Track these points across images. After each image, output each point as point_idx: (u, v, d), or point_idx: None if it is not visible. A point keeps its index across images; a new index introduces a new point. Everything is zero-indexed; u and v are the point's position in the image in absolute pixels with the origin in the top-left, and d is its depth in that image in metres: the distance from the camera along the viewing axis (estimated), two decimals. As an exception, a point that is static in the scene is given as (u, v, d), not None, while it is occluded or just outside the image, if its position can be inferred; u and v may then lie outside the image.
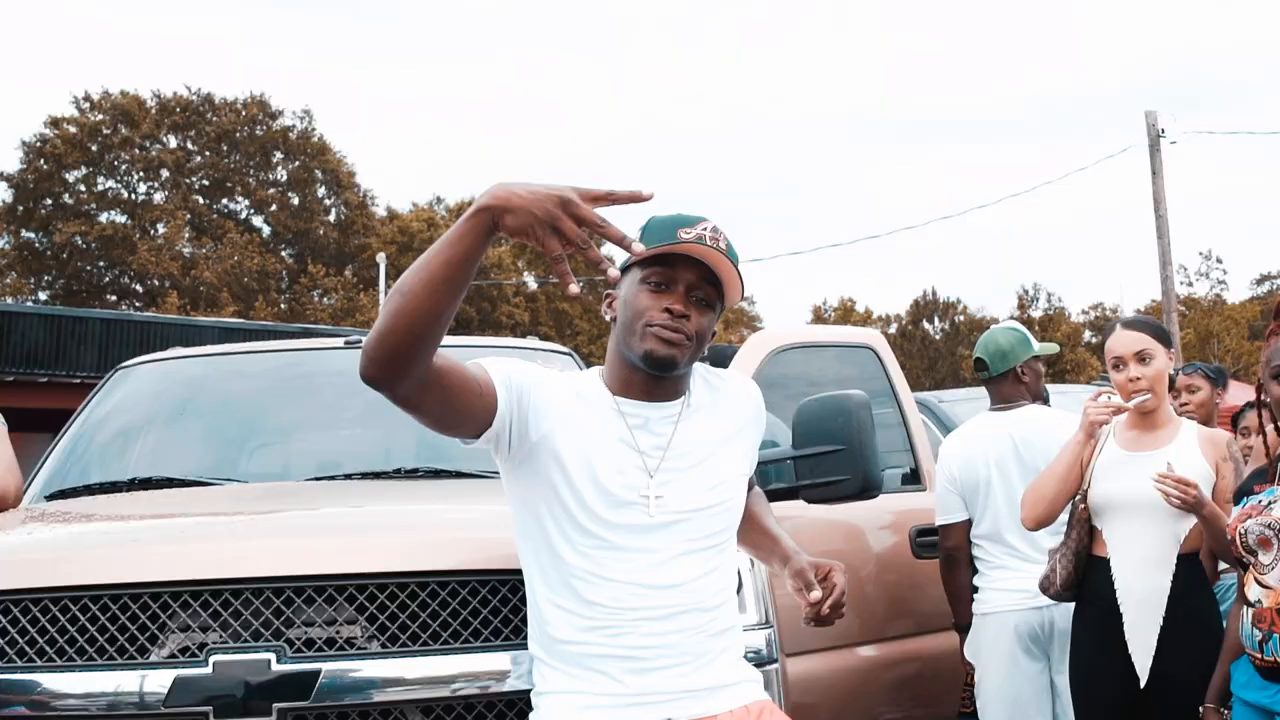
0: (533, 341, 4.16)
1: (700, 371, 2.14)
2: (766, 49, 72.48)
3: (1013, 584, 3.80)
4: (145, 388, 3.77)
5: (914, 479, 4.47)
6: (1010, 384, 3.98)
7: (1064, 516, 3.42)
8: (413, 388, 1.77)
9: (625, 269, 2.05)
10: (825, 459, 3.34)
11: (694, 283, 1.99)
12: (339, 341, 3.80)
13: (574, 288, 1.68)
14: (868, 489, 3.37)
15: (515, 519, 2.04)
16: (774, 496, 3.09)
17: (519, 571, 2.07)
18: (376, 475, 3.18)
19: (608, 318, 2.09)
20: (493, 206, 1.68)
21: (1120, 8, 72.72)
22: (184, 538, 2.29)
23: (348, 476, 3.17)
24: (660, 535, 1.97)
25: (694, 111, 71.20)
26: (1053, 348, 4.09)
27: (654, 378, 2.02)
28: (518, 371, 1.96)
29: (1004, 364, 3.96)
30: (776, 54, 72.17)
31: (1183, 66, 70.45)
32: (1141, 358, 3.26)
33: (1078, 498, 3.33)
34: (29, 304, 30.79)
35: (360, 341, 3.68)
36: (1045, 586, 3.43)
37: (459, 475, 3.16)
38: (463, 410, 1.86)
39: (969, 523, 3.95)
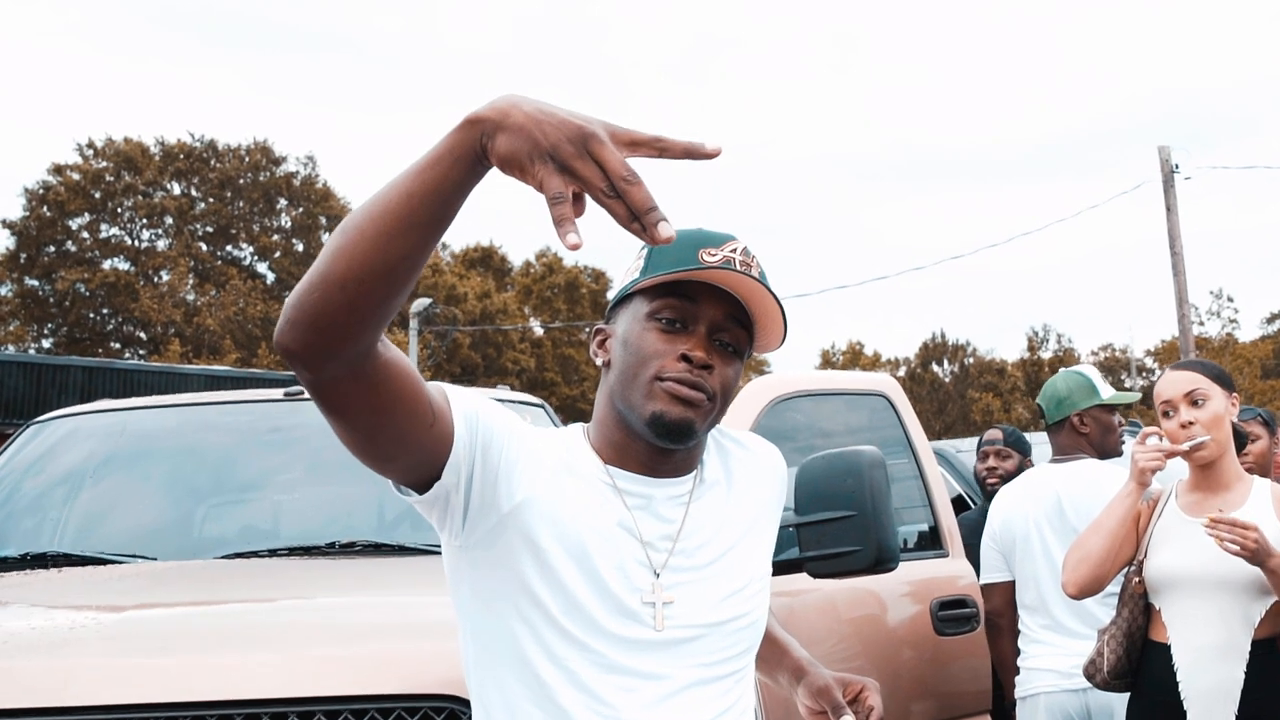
0: (501, 391, 3.71)
1: (710, 434, 1.60)
2: (767, 89, 72.43)
3: (1048, 663, 3.37)
4: (60, 444, 3.34)
5: (933, 541, 3.99)
6: (1067, 434, 3.54)
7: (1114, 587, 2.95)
8: (341, 374, 1.21)
9: (625, 297, 1.52)
10: (833, 526, 2.87)
11: (719, 321, 1.47)
12: (278, 393, 3.36)
13: (574, 237, 1.10)
14: (883, 561, 2.89)
15: (466, 622, 1.47)
16: (774, 570, 2.62)
17: (460, 699, 1.63)
18: (307, 550, 2.73)
19: (599, 361, 1.54)
20: (486, 119, 1.14)
21: (1130, 44, 72.64)
22: (9, 649, 1.81)
23: (273, 552, 2.72)
24: (669, 656, 1.44)
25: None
26: (1130, 396, 3.58)
27: (661, 448, 1.48)
28: (487, 413, 1.38)
29: (1059, 412, 3.53)
30: (777, 94, 72.08)
31: (1193, 102, 70.14)
32: (1193, 400, 2.82)
33: (1131, 569, 2.86)
34: (9, 350, 30.36)
35: (302, 392, 3.23)
36: (1091, 673, 2.96)
37: (403, 551, 2.71)
38: (404, 431, 1.28)
39: (1012, 584, 3.53)
